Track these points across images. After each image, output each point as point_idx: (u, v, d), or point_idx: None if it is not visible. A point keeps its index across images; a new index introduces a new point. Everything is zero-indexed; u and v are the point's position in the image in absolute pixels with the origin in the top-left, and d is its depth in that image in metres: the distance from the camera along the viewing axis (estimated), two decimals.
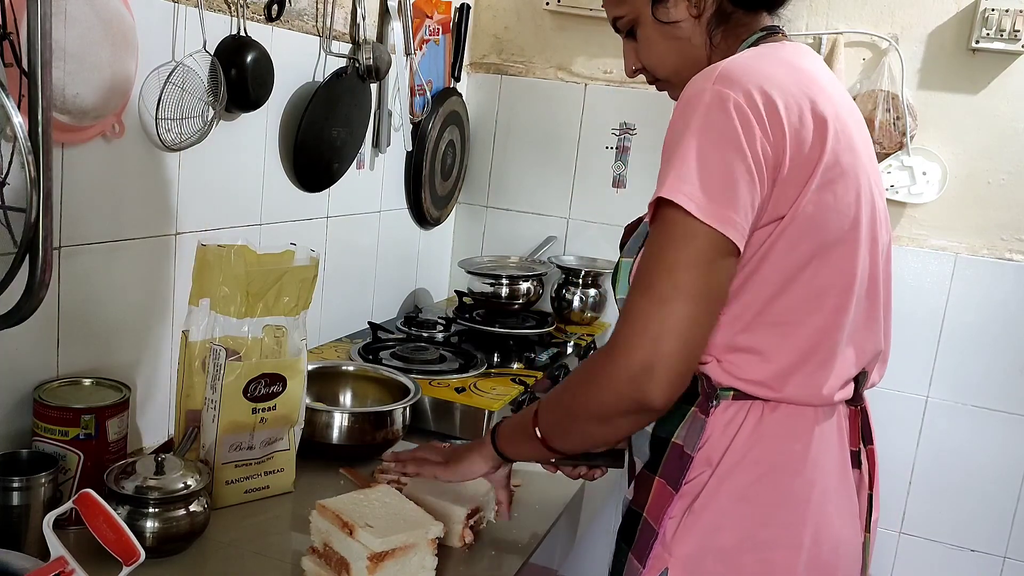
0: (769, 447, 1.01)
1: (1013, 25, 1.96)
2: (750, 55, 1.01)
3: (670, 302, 0.91)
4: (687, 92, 0.96)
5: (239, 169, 1.57)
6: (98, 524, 0.95)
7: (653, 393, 0.92)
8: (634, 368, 0.92)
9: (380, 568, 1.03)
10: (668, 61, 1.11)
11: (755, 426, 1.01)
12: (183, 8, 1.36)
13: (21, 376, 1.21)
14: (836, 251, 1.00)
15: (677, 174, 0.92)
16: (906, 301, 2.17)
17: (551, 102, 2.38)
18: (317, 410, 1.41)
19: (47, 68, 0.95)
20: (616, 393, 0.94)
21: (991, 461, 2.17)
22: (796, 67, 1.02)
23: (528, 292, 2.15)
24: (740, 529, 1.01)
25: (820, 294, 1.00)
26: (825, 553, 1.03)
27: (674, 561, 1.01)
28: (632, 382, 0.92)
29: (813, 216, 0.97)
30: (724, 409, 1.02)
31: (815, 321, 1.00)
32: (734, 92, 0.93)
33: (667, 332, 0.91)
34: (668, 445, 1.04)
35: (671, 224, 0.93)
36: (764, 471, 1.01)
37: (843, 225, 1.00)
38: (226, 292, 1.23)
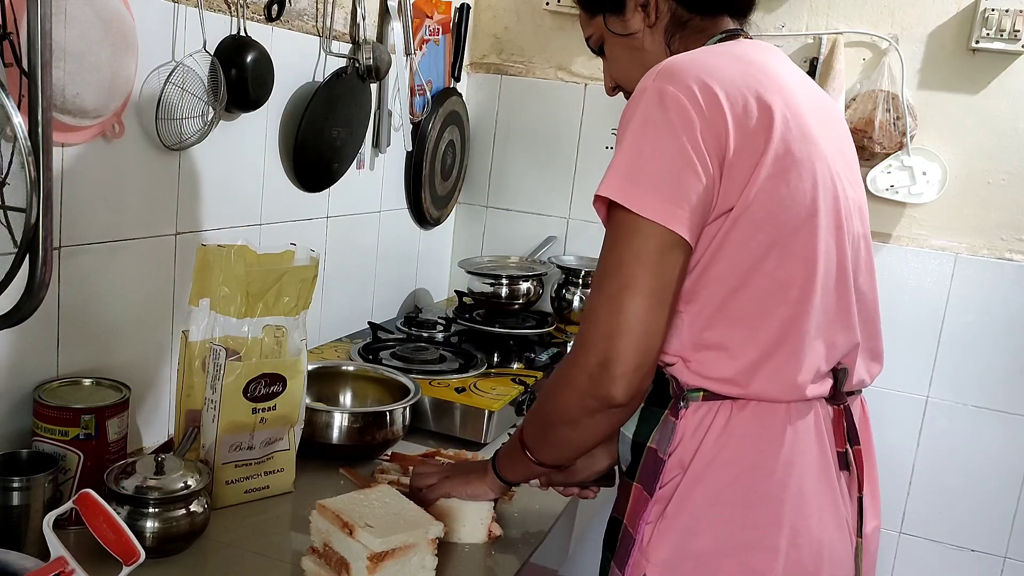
0: (740, 447, 1.00)
1: (1013, 25, 1.96)
2: (695, 52, 1.02)
3: (620, 298, 0.92)
4: (634, 92, 0.97)
5: (239, 169, 1.57)
6: (98, 524, 0.95)
7: (613, 389, 0.93)
8: (592, 366, 0.93)
9: (380, 568, 1.03)
10: (633, 73, 1.09)
11: (724, 426, 1.00)
12: (183, 8, 1.36)
13: (21, 376, 1.21)
14: (794, 241, 0.98)
15: (615, 172, 0.93)
16: (906, 301, 2.17)
17: (551, 102, 2.38)
18: (317, 410, 1.41)
19: (47, 68, 0.95)
20: (579, 393, 0.96)
21: (991, 461, 2.16)
22: (745, 60, 1.01)
23: (528, 292, 2.15)
24: (716, 532, 1.00)
25: (781, 286, 0.98)
26: (805, 556, 1.01)
27: (651, 567, 1.01)
28: (592, 380, 0.94)
29: (766, 206, 0.96)
30: (694, 411, 1.01)
31: (779, 313, 0.99)
32: (672, 86, 0.93)
33: (620, 327, 0.92)
34: (644, 449, 1.04)
35: (615, 222, 0.94)
36: (737, 472, 1.00)
37: (799, 214, 0.98)
38: (226, 292, 1.23)
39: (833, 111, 1.14)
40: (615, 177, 0.93)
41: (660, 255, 0.92)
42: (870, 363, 1.12)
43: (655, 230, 0.92)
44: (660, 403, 1.04)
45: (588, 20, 1.17)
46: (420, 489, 1.24)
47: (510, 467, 1.17)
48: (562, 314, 2.29)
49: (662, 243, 0.92)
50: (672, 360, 1.02)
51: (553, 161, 2.41)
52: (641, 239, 0.92)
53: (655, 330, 0.93)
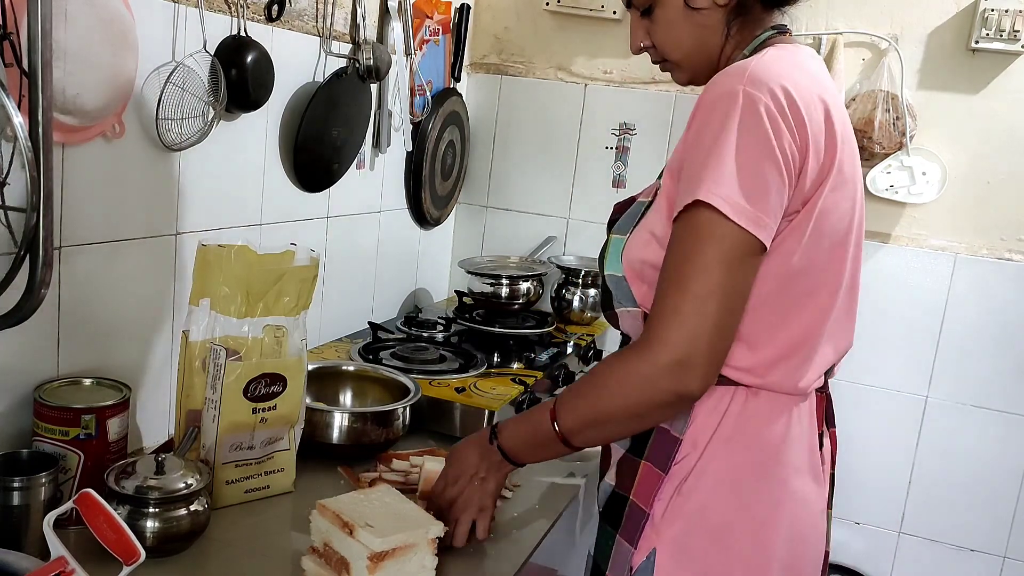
0: (753, 430, 1.07)
1: (1013, 25, 1.96)
2: (772, 57, 1.04)
3: (706, 300, 0.95)
4: (716, 91, 1.00)
5: (239, 169, 1.57)
6: (98, 524, 0.95)
7: (693, 384, 0.97)
8: (670, 363, 0.96)
9: (380, 568, 1.03)
10: (684, 45, 1.13)
11: (740, 410, 1.06)
12: (183, 8, 1.36)
13: (21, 376, 1.21)
14: (832, 254, 1.06)
15: (713, 177, 0.95)
16: (906, 301, 2.17)
17: (551, 102, 2.39)
18: (317, 410, 1.41)
19: (47, 68, 0.95)
20: (657, 388, 0.98)
21: (991, 461, 2.17)
22: (812, 72, 1.06)
23: (528, 292, 2.15)
24: (728, 509, 1.06)
25: (812, 292, 1.06)
26: (803, 528, 1.10)
27: (662, 541, 1.06)
28: (672, 376, 0.97)
29: (818, 218, 1.02)
30: (709, 394, 1.05)
31: (804, 317, 1.06)
32: (763, 95, 0.97)
33: (705, 328, 0.96)
34: (652, 430, 1.08)
35: (705, 224, 0.96)
36: (748, 453, 1.07)
37: (840, 229, 1.06)
38: (226, 292, 1.23)
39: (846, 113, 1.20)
40: (714, 183, 0.95)
41: (744, 261, 0.97)
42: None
43: (745, 237, 0.96)
44: None
45: None
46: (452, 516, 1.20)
47: (532, 453, 1.16)
48: (562, 314, 2.29)
49: (749, 250, 0.97)
50: None
51: (553, 161, 2.41)
52: (731, 245, 0.96)
53: (731, 332, 0.99)
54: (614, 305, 1.13)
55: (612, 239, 1.12)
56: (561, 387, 1.91)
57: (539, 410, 1.13)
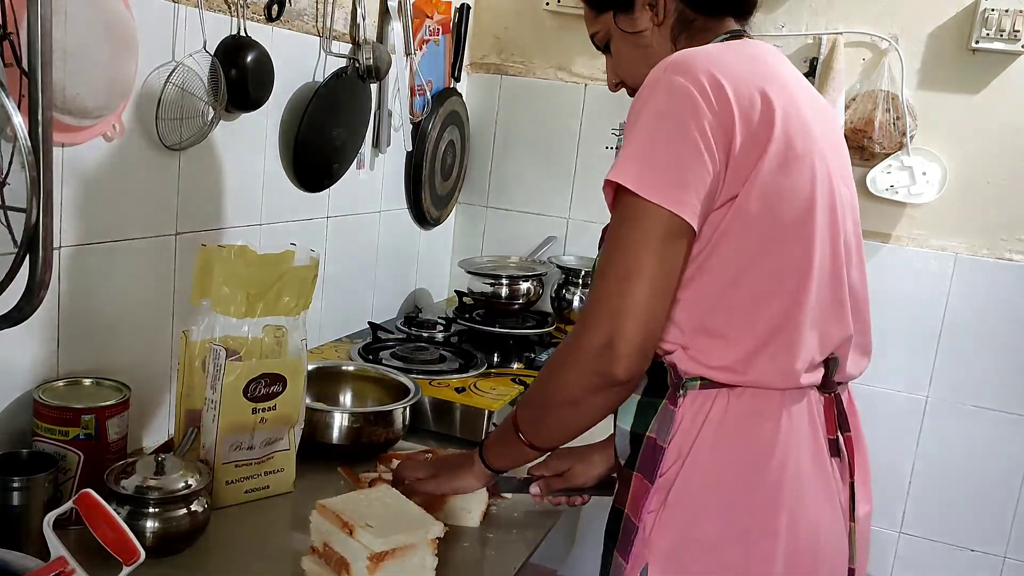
0: (738, 433, 1.02)
1: (1013, 25, 1.96)
2: (705, 47, 1.04)
3: (626, 280, 0.95)
4: (644, 83, 1.00)
5: (239, 169, 1.57)
6: (98, 524, 0.95)
7: (617, 367, 0.96)
8: (597, 345, 0.96)
9: (380, 568, 1.03)
10: (639, 71, 1.10)
11: (723, 413, 1.02)
12: (183, 8, 1.36)
13: (21, 376, 1.21)
14: (792, 234, 1.01)
15: (625, 157, 0.96)
16: (906, 301, 2.17)
17: (551, 102, 2.38)
18: (316, 410, 1.41)
19: (47, 68, 0.95)
20: (582, 371, 0.99)
21: (991, 461, 2.16)
22: (750, 57, 1.05)
23: (528, 292, 2.15)
24: (718, 519, 1.01)
25: (778, 276, 1.01)
26: (803, 539, 1.03)
27: (654, 556, 1.02)
28: (597, 358, 0.96)
29: (767, 198, 0.98)
30: (692, 399, 1.03)
31: (775, 304, 1.01)
32: (683, 77, 0.96)
33: (626, 308, 0.95)
34: (643, 439, 1.05)
35: (623, 206, 0.97)
36: (735, 457, 1.02)
37: (798, 207, 1.01)
38: (226, 292, 1.23)
39: (828, 111, 1.18)
40: (626, 163, 0.96)
41: (667, 240, 0.95)
42: (859, 357, 1.14)
43: (663, 215, 0.94)
44: (658, 393, 1.05)
45: (594, 17, 1.18)
46: (403, 481, 1.25)
47: (499, 454, 1.18)
48: (562, 314, 2.29)
49: (669, 229, 0.95)
50: (671, 348, 1.03)
51: (553, 161, 2.41)
52: (649, 224, 0.95)
53: (659, 314, 0.97)
54: None
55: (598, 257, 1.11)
56: None
57: (511, 414, 1.15)
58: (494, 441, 1.19)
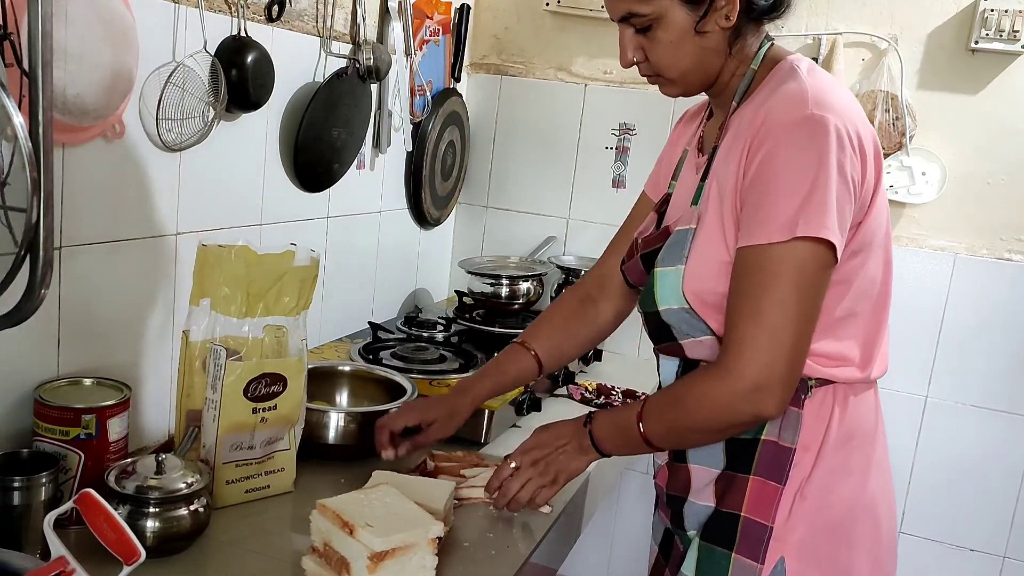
0: (856, 422, 1.14)
1: (1012, 25, 1.96)
2: (824, 81, 1.10)
3: (781, 330, 1.02)
4: (782, 117, 1.04)
5: (239, 169, 1.57)
6: (99, 524, 0.95)
7: (770, 408, 1.04)
8: (749, 390, 1.03)
9: (380, 567, 1.03)
10: (683, 64, 1.13)
11: (844, 405, 1.13)
12: (183, 8, 1.36)
13: (22, 376, 1.21)
14: (883, 243, 1.14)
15: (816, 210, 1.01)
16: (906, 301, 2.17)
17: (551, 102, 2.39)
18: (313, 409, 1.41)
19: (48, 68, 0.95)
20: (734, 412, 1.05)
21: (991, 461, 2.17)
22: (847, 90, 1.15)
23: (528, 292, 2.15)
24: (847, 500, 1.13)
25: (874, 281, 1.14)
26: (892, 499, 1.22)
27: (788, 548, 1.10)
28: (750, 402, 1.03)
29: (875, 221, 1.11)
30: (812, 398, 1.12)
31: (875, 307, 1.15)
32: (832, 117, 1.02)
33: (780, 356, 1.02)
34: (758, 443, 1.11)
35: (784, 254, 1.02)
36: (856, 444, 1.14)
37: (884, 221, 1.14)
38: (226, 292, 1.23)
39: None
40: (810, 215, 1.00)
41: (819, 283, 1.04)
42: None
43: (822, 256, 1.02)
44: None
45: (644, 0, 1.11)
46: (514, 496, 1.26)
47: (618, 447, 1.22)
48: None
49: (824, 269, 1.04)
50: None
51: (553, 161, 2.41)
52: (807, 270, 1.02)
53: (805, 355, 1.06)
54: (676, 337, 1.16)
55: (660, 273, 1.14)
56: (561, 386, 1.91)
57: (628, 410, 1.17)
58: (613, 438, 1.20)
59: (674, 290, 1.11)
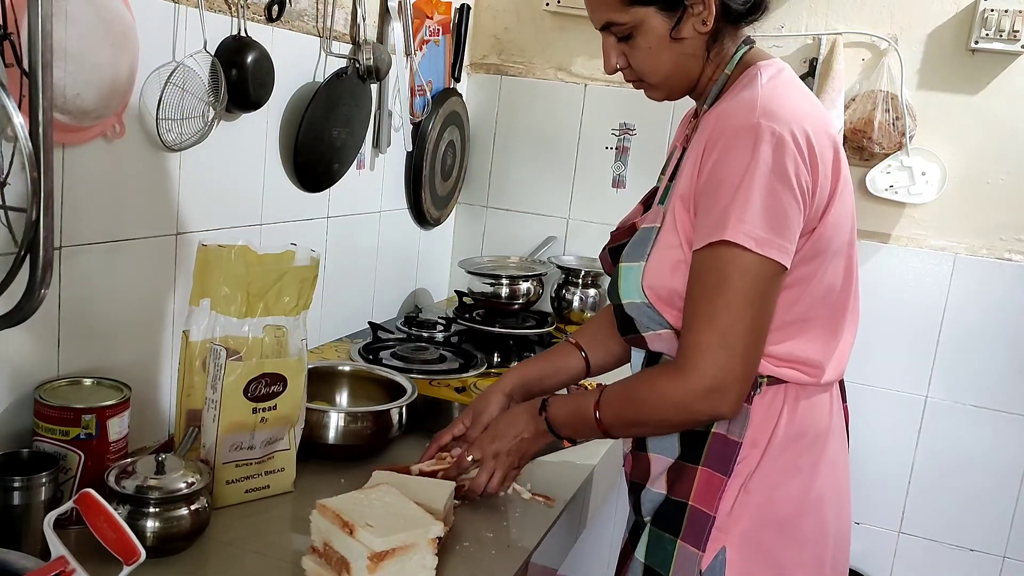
0: (807, 422, 1.16)
1: (1012, 25, 1.96)
2: (777, 88, 1.10)
3: (733, 332, 1.04)
4: (732, 123, 1.06)
5: (239, 169, 1.57)
6: (99, 524, 0.96)
7: (726, 408, 1.07)
8: (705, 391, 1.06)
9: (380, 567, 1.03)
10: (663, 70, 1.16)
11: (794, 405, 1.15)
12: (183, 8, 1.36)
13: (22, 376, 1.21)
14: (845, 250, 1.15)
15: (739, 215, 1.03)
16: (905, 301, 2.17)
17: (551, 102, 2.39)
18: (313, 409, 1.41)
19: (48, 68, 0.95)
20: (691, 410, 1.09)
21: (990, 461, 2.17)
22: (807, 94, 1.15)
23: (528, 292, 2.15)
24: (794, 498, 1.15)
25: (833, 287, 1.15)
26: (843, 497, 1.23)
27: (730, 539, 1.12)
28: (705, 401, 1.06)
29: (834, 226, 1.11)
30: (764, 397, 1.14)
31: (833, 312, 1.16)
32: (780, 127, 1.04)
33: (732, 357, 1.05)
34: (708, 436, 1.14)
35: (730, 260, 1.04)
36: (806, 444, 1.16)
37: (848, 226, 1.15)
38: (226, 292, 1.23)
39: None
40: (740, 222, 1.03)
41: (769, 289, 1.06)
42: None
43: (769, 266, 1.04)
44: None
45: (621, 7, 1.13)
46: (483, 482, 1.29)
47: (573, 432, 1.27)
48: (562, 314, 2.29)
49: (773, 277, 1.06)
50: None
51: (553, 161, 2.41)
52: (755, 276, 1.04)
53: (758, 356, 1.09)
54: (639, 330, 1.18)
55: (624, 268, 1.16)
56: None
57: (585, 398, 1.21)
58: (570, 423, 1.24)
59: (635, 285, 1.13)
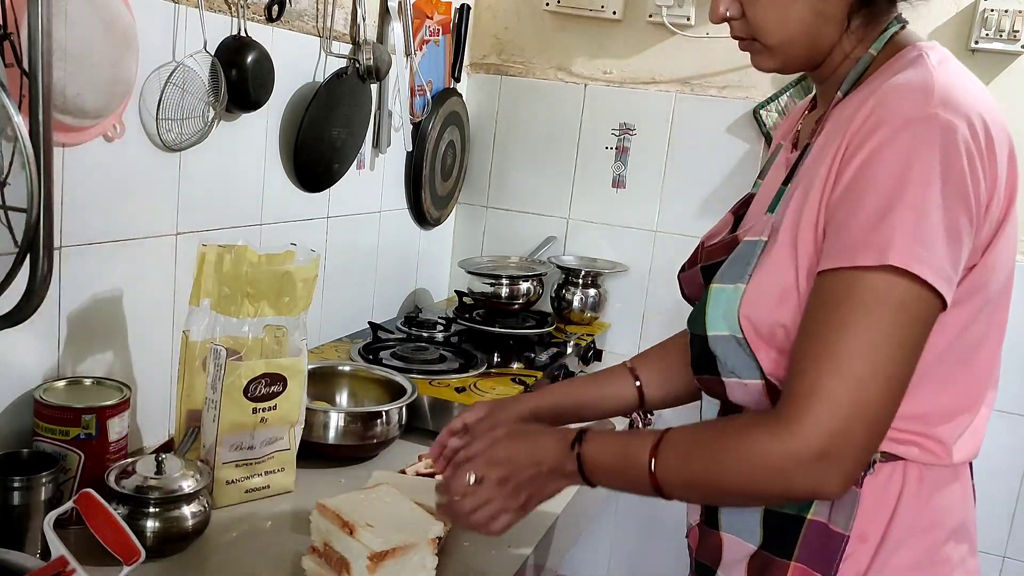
0: (933, 510, 0.91)
1: (1013, 25, 1.96)
2: (957, 72, 0.88)
3: (869, 384, 0.80)
4: (896, 112, 0.82)
5: (239, 169, 1.57)
6: (98, 524, 0.96)
7: (834, 484, 0.82)
8: (813, 457, 0.80)
9: (380, 567, 1.03)
10: (790, 29, 0.92)
11: (916, 489, 0.90)
12: (183, 8, 1.36)
13: (22, 376, 1.21)
14: (1001, 299, 0.92)
15: (912, 233, 0.79)
16: None
17: (551, 102, 2.39)
18: (313, 410, 1.41)
19: (48, 68, 0.95)
20: (787, 482, 0.83)
21: (990, 461, 2.15)
22: (986, 92, 0.90)
23: (528, 292, 2.15)
24: None
25: (980, 345, 0.92)
26: None
27: None
28: (812, 473, 0.81)
29: (995, 266, 0.88)
30: (874, 475, 0.89)
31: (975, 375, 0.93)
32: (961, 123, 0.81)
33: (863, 418, 0.80)
34: (803, 523, 0.90)
35: (883, 289, 0.80)
36: (933, 536, 0.91)
37: (1009, 268, 0.91)
38: (226, 292, 1.23)
39: None
40: (913, 240, 0.79)
41: (923, 332, 0.82)
42: None
43: (934, 303, 0.80)
44: None
45: None
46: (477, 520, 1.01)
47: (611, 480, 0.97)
48: (562, 314, 2.29)
49: (932, 314, 0.81)
50: None
51: (553, 161, 2.41)
52: (914, 313, 0.80)
53: (890, 421, 0.83)
54: (720, 372, 0.93)
55: (716, 290, 0.92)
56: None
57: (638, 439, 0.93)
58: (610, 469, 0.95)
59: (728, 313, 0.90)
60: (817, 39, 0.93)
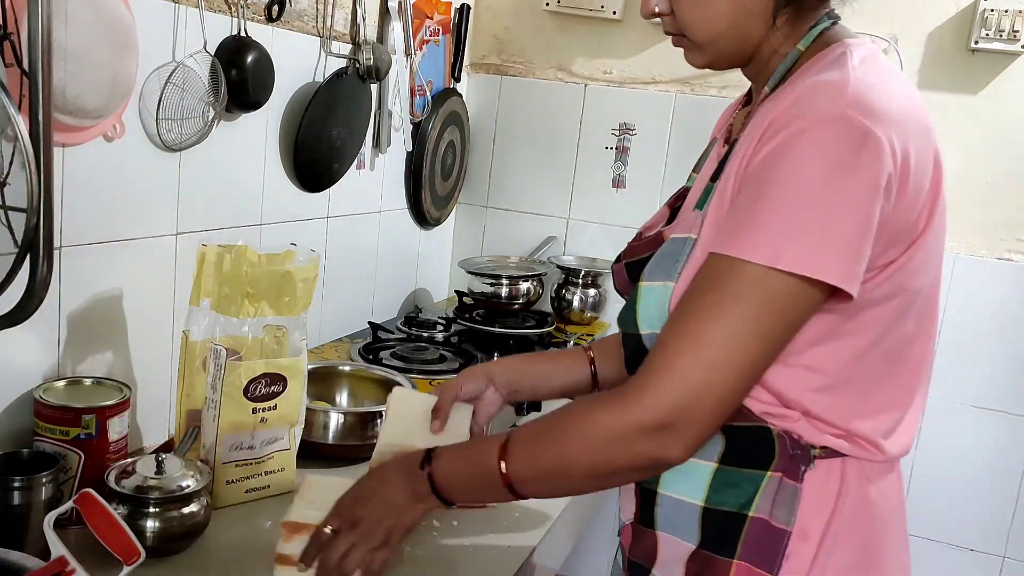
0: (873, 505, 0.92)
1: (1012, 25, 1.96)
2: (872, 75, 0.87)
3: (723, 368, 0.80)
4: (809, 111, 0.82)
5: (239, 169, 1.57)
6: (98, 523, 0.96)
7: (675, 452, 0.82)
8: (655, 426, 0.81)
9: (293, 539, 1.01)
10: (716, 26, 0.93)
11: (857, 485, 0.90)
12: (183, 8, 1.36)
13: (22, 376, 1.21)
14: (929, 293, 0.92)
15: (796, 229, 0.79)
16: None
17: (551, 102, 2.39)
18: (313, 409, 1.41)
19: (47, 68, 0.95)
20: (629, 451, 0.83)
21: (991, 461, 2.17)
22: (912, 92, 0.91)
23: (528, 292, 2.15)
24: None
25: (911, 341, 0.92)
26: None
27: None
28: (652, 440, 0.82)
29: (923, 262, 0.89)
30: (814, 471, 0.89)
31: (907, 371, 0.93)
32: (874, 128, 0.80)
33: (710, 395, 0.81)
34: (744, 520, 0.88)
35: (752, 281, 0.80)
36: (875, 534, 0.91)
37: (937, 266, 0.93)
38: (226, 292, 1.23)
39: None
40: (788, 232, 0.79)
41: (795, 317, 0.82)
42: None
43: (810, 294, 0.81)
44: (752, 463, 0.89)
45: None
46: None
47: (468, 494, 0.97)
48: (562, 314, 2.29)
49: (809, 307, 0.82)
50: (788, 414, 0.89)
51: (553, 161, 2.41)
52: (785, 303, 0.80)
53: (740, 400, 0.84)
54: None
55: (645, 288, 0.91)
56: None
57: (487, 443, 0.93)
58: (462, 483, 0.95)
59: (660, 311, 0.88)
60: (743, 35, 0.93)
